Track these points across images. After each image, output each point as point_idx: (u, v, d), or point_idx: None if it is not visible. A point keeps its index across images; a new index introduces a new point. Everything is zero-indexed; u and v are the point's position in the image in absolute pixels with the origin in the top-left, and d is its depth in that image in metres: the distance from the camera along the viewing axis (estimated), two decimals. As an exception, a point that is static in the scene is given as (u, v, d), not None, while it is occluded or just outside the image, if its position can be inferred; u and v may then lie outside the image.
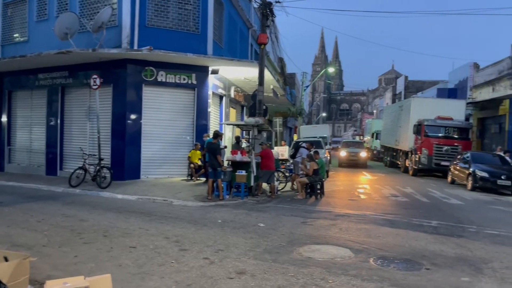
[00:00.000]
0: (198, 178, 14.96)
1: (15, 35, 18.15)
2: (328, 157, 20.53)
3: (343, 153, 26.70)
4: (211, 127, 16.35)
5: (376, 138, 34.78)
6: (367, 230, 7.93)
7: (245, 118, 23.93)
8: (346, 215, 9.55)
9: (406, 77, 49.31)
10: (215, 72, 15.67)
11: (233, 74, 17.36)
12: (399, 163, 24.63)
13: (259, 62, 13.89)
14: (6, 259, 4.09)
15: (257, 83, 17.92)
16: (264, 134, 16.83)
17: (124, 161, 14.49)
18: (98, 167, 13.26)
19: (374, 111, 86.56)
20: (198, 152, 14.92)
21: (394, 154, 26.62)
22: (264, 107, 13.82)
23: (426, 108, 21.91)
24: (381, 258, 5.91)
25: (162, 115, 15.24)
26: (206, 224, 8.09)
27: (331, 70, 52.02)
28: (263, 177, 12.39)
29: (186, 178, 15.09)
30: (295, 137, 38.91)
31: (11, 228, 7.45)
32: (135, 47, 14.58)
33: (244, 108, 23.63)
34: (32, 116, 17.55)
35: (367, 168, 25.64)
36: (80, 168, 13.41)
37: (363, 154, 26.86)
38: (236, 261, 5.58)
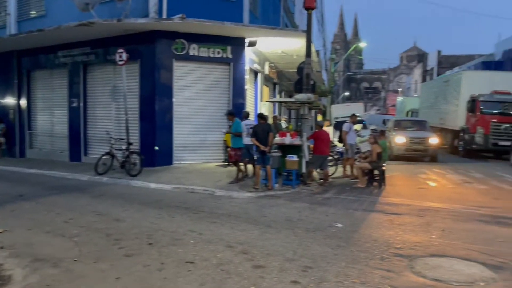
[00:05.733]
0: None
1: (31, 10, 16.68)
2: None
3: (399, 139, 16.73)
4: (248, 106, 14.73)
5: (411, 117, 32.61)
6: (477, 231, 6.25)
7: (277, 96, 22.27)
8: (431, 209, 7.87)
9: (439, 52, 46.57)
10: (252, 44, 13.93)
11: (270, 46, 15.53)
12: (445, 143, 22.52)
13: (306, 30, 12.06)
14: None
15: (295, 56, 16.23)
16: (313, 113, 15.12)
17: (155, 145, 13.02)
18: (127, 153, 11.85)
19: (399, 89, 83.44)
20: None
21: (438, 134, 24.50)
22: (312, 82, 12.07)
23: (478, 82, 19.69)
24: (539, 280, 4.26)
25: (195, 93, 13.65)
26: (270, 225, 6.52)
27: (362, 45, 49.19)
28: (315, 162, 10.79)
29: (222, 163, 13.59)
30: (319, 117, 36.99)
31: (33, 232, 6.02)
32: (164, 16, 12.94)
33: (277, 86, 21.88)
34: (53, 97, 16.20)
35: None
36: (107, 153, 12.01)
37: (434, 140, 16.96)
38: (341, 288, 4.01)
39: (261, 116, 10.24)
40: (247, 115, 11.89)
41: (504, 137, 17.79)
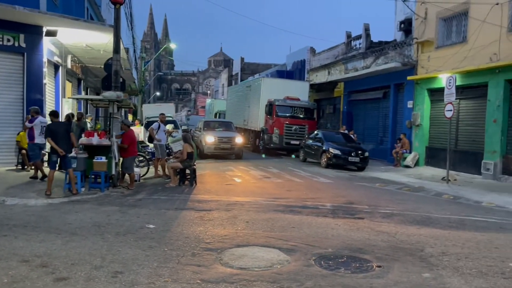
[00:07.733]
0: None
1: None
2: None
3: (209, 139, 17.79)
4: (48, 102, 13.23)
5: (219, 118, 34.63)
6: (275, 220, 7.03)
7: (83, 93, 20.65)
8: (237, 203, 8.51)
9: (242, 59, 50.57)
10: (51, 34, 12.56)
11: (73, 39, 14.29)
12: (248, 143, 24.69)
13: (114, 25, 11.49)
14: None
15: (102, 51, 15.41)
16: (122, 112, 14.47)
17: None
18: None
19: (208, 91, 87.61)
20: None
21: (242, 134, 26.66)
22: (121, 80, 11.59)
23: (275, 88, 22.29)
24: (321, 257, 5.04)
25: (-23, 86, 11.54)
26: (75, 232, 5.98)
27: (173, 46, 49.87)
28: (131, 166, 10.39)
29: (16, 167, 11.89)
30: (130, 117, 36.01)
31: None
32: None
33: (82, 82, 20.25)
34: None
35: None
36: None
37: (239, 139, 18.69)
38: (153, 289, 3.96)
39: (53, 114, 9.20)
40: (36, 111, 10.61)
41: (295, 137, 20.58)
